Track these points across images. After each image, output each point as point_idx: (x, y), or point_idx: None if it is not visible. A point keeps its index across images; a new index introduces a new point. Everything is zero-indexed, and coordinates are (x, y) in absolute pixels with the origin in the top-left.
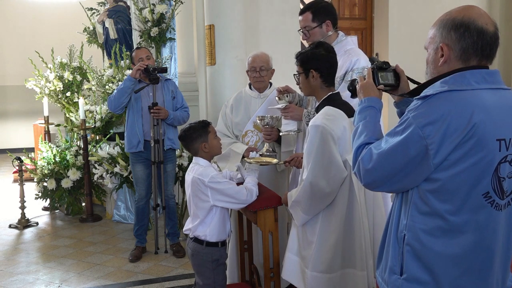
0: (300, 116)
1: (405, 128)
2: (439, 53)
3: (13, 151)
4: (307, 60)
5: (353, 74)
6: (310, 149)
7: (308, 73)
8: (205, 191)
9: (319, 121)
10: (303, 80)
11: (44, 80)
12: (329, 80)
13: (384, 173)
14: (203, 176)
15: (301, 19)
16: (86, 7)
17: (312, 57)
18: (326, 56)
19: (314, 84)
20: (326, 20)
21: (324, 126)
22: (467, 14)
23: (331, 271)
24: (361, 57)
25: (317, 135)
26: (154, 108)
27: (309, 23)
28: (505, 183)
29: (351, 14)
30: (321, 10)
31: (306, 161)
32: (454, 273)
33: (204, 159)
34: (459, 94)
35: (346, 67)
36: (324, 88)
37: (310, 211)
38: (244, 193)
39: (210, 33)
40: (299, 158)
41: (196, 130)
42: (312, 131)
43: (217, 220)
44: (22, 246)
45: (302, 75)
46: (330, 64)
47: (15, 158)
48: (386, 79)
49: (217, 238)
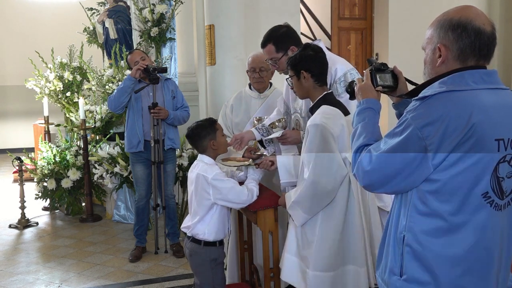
0: (299, 139)
1: (404, 129)
2: (437, 54)
3: (13, 151)
4: (296, 63)
5: (338, 86)
6: (311, 148)
7: (299, 75)
8: (207, 188)
9: (319, 120)
10: (296, 83)
11: (44, 80)
12: (321, 79)
13: (384, 175)
14: (207, 173)
15: (264, 51)
16: (86, 7)
17: (301, 59)
18: (315, 56)
19: (307, 85)
20: (290, 46)
21: (323, 125)
22: (464, 14)
23: (332, 269)
24: (337, 64)
25: (317, 134)
26: (155, 108)
27: (274, 54)
28: (504, 183)
29: (351, 14)
30: (282, 38)
31: (307, 160)
32: (454, 273)
33: (210, 157)
34: (457, 95)
35: (328, 81)
36: (317, 87)
37: (312, 210)
38: (245, 193)
39: (210, 33)
40: (267, 161)
41: (205, 128)
42: (312, 130)
43: (217, 218)
44: (22, 246)
45: (294, 78)
46: (320, 63)
47: (15, 158)
48: (384, 81)
49: (215, 237)
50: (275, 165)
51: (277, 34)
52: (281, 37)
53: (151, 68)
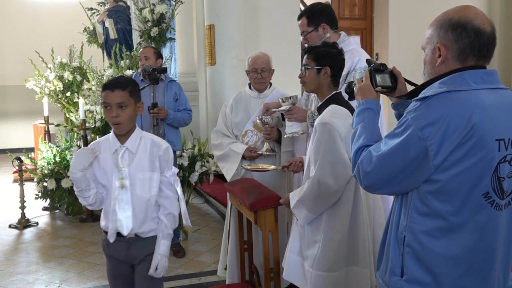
0: (304, 118)
1: (404, 129)
2: (437, 54)
3: (13, 151)
4: (323, 57)
5: (355, 73)
6: (318, 147)
7: (320, 69)
8: None
9: (327, 119)
10: (312, 75)
11: (44, 80)
12: (336, 80)
13: (384, 176)
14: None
15: (299, 24)
16: (86, 7)
17: (329, 55)
18: (339, 57)
19: (323, 81)
20: (321, 23)
21: (331, 123)
22: (464, 14)
23: (336, 269)
24: (363, 56)
25: (325, 133)
26: (154, 109)
27: (305, 27)
28: (505, 183)
29: (351, 14)
30: (316, 14)
31: (313, 159)
32: (455, 273)
33: None
34: (457, 95)
35: (348, 67)
36: (331, 86)
37: (316, 210)
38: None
39: (210, 33)
40: (297, 162)
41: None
42: (320, 128)
43: None
44: (22, 246)
45: (312, 70)
46: (341, 65)
47: (15, 158)
48: (384, 81)
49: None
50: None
51: (312, 9)
52: (315, 13)
53: (151, 68)
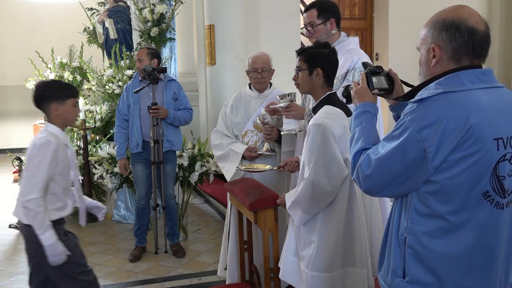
0: (302, 115)
1: (402, 132)
2: (431, 54)
3: (13, 151)
4: (314, 58)
5: (355, 73)
6: (312, 148)
7: (312, 71)
8: None
9: (320, 120)
10: (304, 77)
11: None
12: (330, 81)
13: (384, 179)
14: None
15: (305, 15)
16: (86, 7)
17: (320, 56)
18: (332, 57)
19: (316, 83)
20: (330, 18)
21: (325, 124)
22: (457, 14)
23: (331, 270)
24: (362, 56)
25: (319, 134)
26: (153, 107)
27: (314, 19)
28: (506, 182)
29: (351, 14)
30: (327, 7)
31: (307, 160)
32: (457, 272)
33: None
34: (454, 96)
35: (347, 66)
36: (324, 87)
37: (311, 211)
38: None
39: (210, 33)
40: (293, 162)
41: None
42: (314, 129)
43: None
44: (22, 246)
45: (305, 72)
46: (334, 65)
47: (15, 158)
48: (380, 83)
49: None
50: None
51: (324, 3)
52: (327, 7)
53: (150, 68)
